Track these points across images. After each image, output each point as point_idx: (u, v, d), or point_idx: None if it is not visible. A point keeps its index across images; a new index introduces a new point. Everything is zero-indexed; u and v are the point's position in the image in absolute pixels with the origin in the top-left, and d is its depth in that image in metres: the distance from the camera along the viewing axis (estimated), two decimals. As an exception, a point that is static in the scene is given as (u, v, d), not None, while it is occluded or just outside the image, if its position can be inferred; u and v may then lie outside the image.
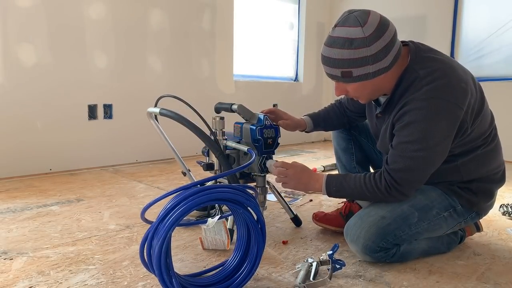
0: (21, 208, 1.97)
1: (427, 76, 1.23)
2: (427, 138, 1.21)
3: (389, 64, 1.23)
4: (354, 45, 1.19)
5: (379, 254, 1.31)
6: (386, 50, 1.20)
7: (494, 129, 1.40)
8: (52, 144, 2.77)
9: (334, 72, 1.26)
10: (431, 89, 1.21)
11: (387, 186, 1.27)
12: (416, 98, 1.22)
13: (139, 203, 2.09)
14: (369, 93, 1.32)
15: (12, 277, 1.25)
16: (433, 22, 3.87)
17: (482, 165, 1.37)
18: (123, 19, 3.02)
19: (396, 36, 1.23)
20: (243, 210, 1.11)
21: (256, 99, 4.00)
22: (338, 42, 1.21)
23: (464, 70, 1.30)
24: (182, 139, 2.48)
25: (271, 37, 4.27)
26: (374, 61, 1.20)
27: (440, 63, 1.26)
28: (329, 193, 1.37)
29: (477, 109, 1.28)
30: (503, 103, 3.43)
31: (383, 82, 1.28)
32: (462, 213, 1.39)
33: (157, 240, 0.99)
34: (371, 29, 1.18)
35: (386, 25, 1.21)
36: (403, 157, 1.24)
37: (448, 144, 1.25)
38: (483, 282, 1.25)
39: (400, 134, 1.26)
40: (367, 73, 1.22)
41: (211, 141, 1.50)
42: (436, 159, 1.27)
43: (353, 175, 1.35)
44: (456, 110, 1.21)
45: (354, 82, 1.26)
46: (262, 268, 1.31)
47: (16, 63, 2.58)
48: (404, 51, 1.30)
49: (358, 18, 1.20)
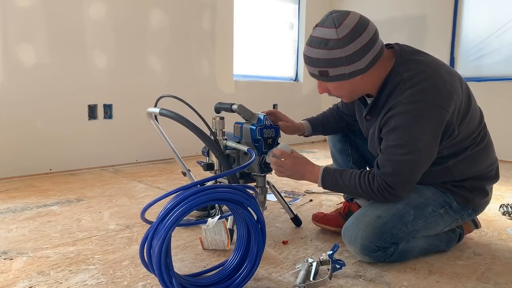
0: (21, 208, 1.97)
1: (411, 78, 1.24)
2: (414, 141, 1.22)
3: (365, 65, 1.23)
4: (328, 46, 1.21)
5: (378, 253, 1.32)
6: (362, 52, 1.21)
7: (483, 128, 1.40)
8: (52, 144, 2.77)
9: (313, 70, 1.29)
10: (415, 92, 1.22)
11: (380, 189, 1.28)
12: (400, 101, 1.23)
13: (139, 203, 2.09)
14: (349, 92, 1.34)
15: (12, 277, 1.25)
16: (433, 22, 3.87)
17: (474, 164, 1.37)
18: (123, 19, 3.02)
19: (376, 38, 1.24)
20: (243, 210, 1.11)
21: (256, 99, 4.01)
22: (316, 42, 1.24)
23: (449, 72, 1.30)
24: (182, 139, 2.48)
25: (271, 37, 4.27)
26: (348, 62, 1.22)
27: (425, 66, 1.27)
28: (324, 187, 1.40)
29: (463, 110, 1.29)
30: (503, 103, 3.43)
31: (363, 83, 1.30)
32: (458, 210, 1.40)
33: (157, 240, 0.99)
34: (345, 31, 1.20)
35: (363, 26, 1.21)
36: (391, 161, 1.25)
37: (436, 145, 1.27)
38: (483, 282, 1.25)
39: (388, 138, 1.27)
40: (342, 74, 1.25)
41: (211, 141, 1.50)
42: (424, 161, 1.28)
43: (349, 172, 1.37)
44: (441, 112, 1.22)
45: (331, 81, 1.28)
46: (262, 268, 1.31)
47: (16, 63, 2.58)
48: (389, 54, 1.31)
49: (335, 19, 1.22)
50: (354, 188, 1.34)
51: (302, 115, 1.78)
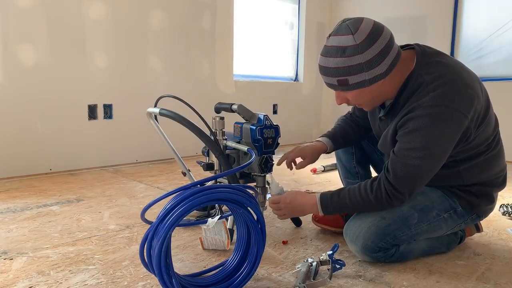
0: (21, 208, 1.97)
1: (433, 81, 1.21)
2: (430, 146, 1.20)
3: (385, 70, 1.21)
4: (347, 53, 1.18)
5: (378, 254, 1.32)
6: (381, 56, 1.19)
7: (497, 133, 1.38)
8: (52, 144, 2.77)
9: (331, 81, 1.26)
10: (437, 96, 1.19)
11: (387, 196, 1.26)
12: (421, 105, 1.20)
13: (139, 203, 2.09)
14: (369, 99, 1.31)
15: (12, 277, 1.25)
16: (433, 22, 3.87)
17: (485, 171, 1.35)
18: (123, 19, 3.02)
19: (392, 42, 1.21)
20: (243, 210, 1.11)
21: (256, 99, 4.01)
22: (332, 51, 1.21)
23: (470, 75, 1.28)
24: (182, 139, 2.48)
25: (271, 37, 4.27)
26: (368, 67, 1.19)
27: (447, 68, 1.24)
28: (328, 213, 1.39)
29: (482, 114, 1.26)
30: (503, 103, 3.42)
31: (383, 88, 1.26)
32: (463, 215, 1.39)
33: (157, 240, 0.99)
34: (362, 36, 1.17)
35: (379, 31, 1.19)
36: (404, 164, 1.23)
37: (450, 151, 1.25)
38: (483, 282, 1.25)
39: (403, 141, 1.24)
40: (363, 80, 1.21)
41: (211, 141, 1.50)
42: (437, 166, 1.26)
43: (347, 190, 1.35)
44: (461, 118, 1.19)
45: (352, 90, 1.25)
46: (262, 268, 1.31)
47: (16, 63, 2.58)
48: (409, 55, 1.28)
49: (350, 26, 1.19)
50: (356, 206, 1.32)
51: (302, 115, 1.78)
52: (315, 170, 2.91)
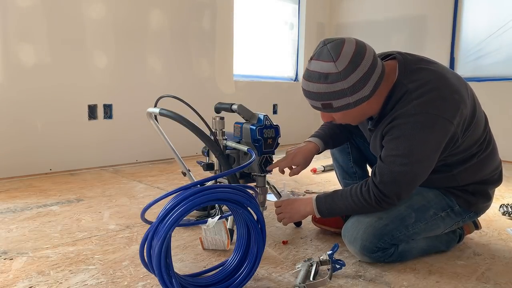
0: (21, 208, 1.97)
1: (417, 89, 1.20)
2: (414, 152, 1.20)
3: (369, 92, 1.19)
4: (329, 80, 1.17)
5: (377, 254, 1.32)
6: (364, 80, 1.17)
7: (488, 132, 1.37)
8: (52, 144, 2.77)
9: (315, 104, 1.26)
10: (421, 103, 1.18)
11: (377, 200, 1.27)
12: (405, 112, 1.20)
13: (139, 203, 2.09)
14: (355, 118, 1.31)
15: (12, 277, 1.25)
16: (433, 22, 3.87)
17: (480, 171, 1.36)
18: (123, 19, 3.02)
19: (375, 62, 1.19)
20: (243, 210, 1.11)
21: (256, 99, 4.01)
22: (314, 76, 1.20)
23: (457, 78, 1.27)
24: (182, 139, 2.48)
25: (271, 37, 4.27)
26: (352, 92, 1.17)
27: (431, 74, 1.23)
28: (323, 216, 1.41)
29: (469, 118, 1.26)
30: (503, 103, 3.43)
31: (369, 107, 1.26)
32: (460, 213, 1.39)
33: (157, 240, 0.99)
34: (344, 63, 1.15)
35: (362, 53, 1.16)
36: (390, 170, 1.23)
37: (436, 157, 1.25)
38: (483, 282, 1.25)
39: (388, 147, 1.25)
40: (347, 104, 1.20)
41: (211, 141, 1.51)
42: (424, 172, 1.26)
43: (340, 192, 1.36)
44: (446, 124, 1.19)
45: (337, 112, 1.25)
46: (262, 268, 1.31)
47: (16, 63, 2.58)
48: (391, 65, 1.27)
49: (331, 52, 1.16)
50: (349, 208, 1.34)
51: (302, 115, 1.78)
52: (315, 170, 2.92)
